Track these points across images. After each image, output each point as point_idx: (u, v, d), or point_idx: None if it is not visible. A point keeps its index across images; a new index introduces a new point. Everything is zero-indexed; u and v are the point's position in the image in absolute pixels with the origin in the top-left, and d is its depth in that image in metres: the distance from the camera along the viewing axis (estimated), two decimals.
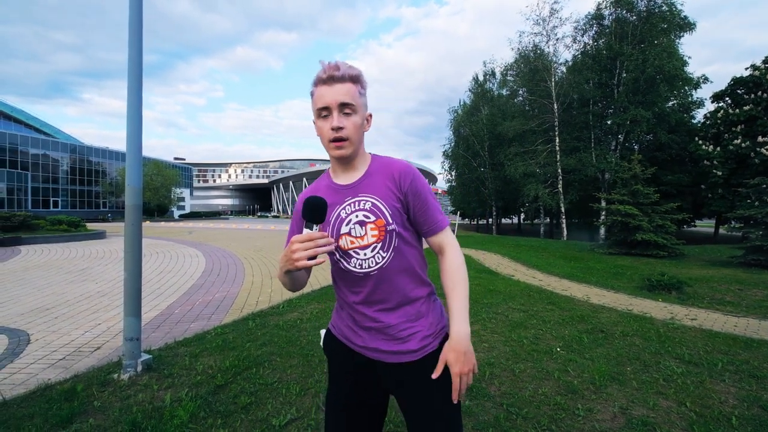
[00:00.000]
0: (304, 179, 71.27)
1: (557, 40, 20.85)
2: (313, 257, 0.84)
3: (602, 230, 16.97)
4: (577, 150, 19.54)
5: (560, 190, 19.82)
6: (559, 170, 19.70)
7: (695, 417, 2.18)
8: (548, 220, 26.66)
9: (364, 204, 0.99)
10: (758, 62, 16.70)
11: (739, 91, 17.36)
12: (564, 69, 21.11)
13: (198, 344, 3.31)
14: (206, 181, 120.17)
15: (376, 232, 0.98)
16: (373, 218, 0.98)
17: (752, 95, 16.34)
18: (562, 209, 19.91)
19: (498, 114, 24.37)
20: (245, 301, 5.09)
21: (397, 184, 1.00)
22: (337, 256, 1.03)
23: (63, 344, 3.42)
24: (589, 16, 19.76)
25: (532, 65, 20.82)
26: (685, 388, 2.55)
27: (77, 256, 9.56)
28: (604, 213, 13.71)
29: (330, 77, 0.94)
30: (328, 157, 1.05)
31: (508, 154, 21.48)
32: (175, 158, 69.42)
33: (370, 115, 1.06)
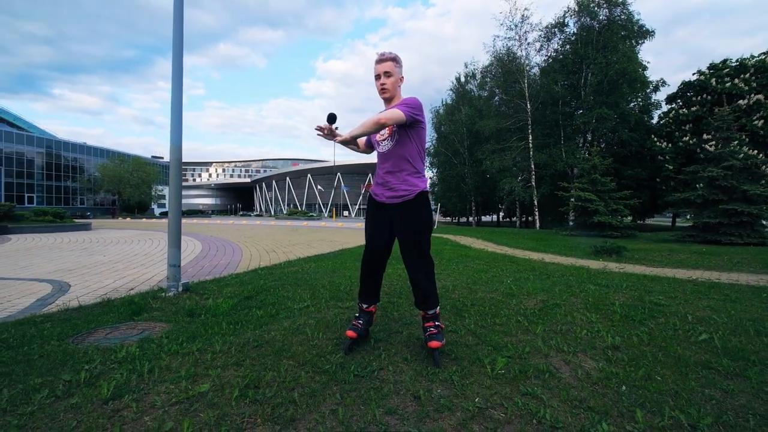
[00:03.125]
0: (288, 178, 71.02)
1: (528, 44, 22.29)
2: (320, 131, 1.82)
3: (571, 221, 18.37)
4: (548, 146, 20.98)
5: (533, 184, 21.20)
6: (532, 165, 21.08)
7: (591, 304, 3.12)
8: (525, 218, 28.16)
9: None
10: (704, 68, 18.56)
11: (688, 94, 19.21)
12: (536, 71, 22.57)
13: (219, 282, 4.03)
14: (186, 180, 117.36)
15: (387, 132, 1.97)
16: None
17: (699, 97, 18.17)
18: (535, 201, 21.29)
19: (476, 114, 25.66)
20: (248, 264, 5.80)
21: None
22: (375, 144, 2.05)
23: (100, 287, 4.06)
24: (551, 25, 21.22)
25: (506, 68, 22.16)
26: (592, 294, 3.50)
27: (72, 241, 9.89)
28: (573, 200, 14.98)
29: (379, 60, 1.93)
30: (310, 157, 2.01)
31: (485, 150, 22.74)
32: (153, 156, 67.70)
33: (402, 77, 1.99)
